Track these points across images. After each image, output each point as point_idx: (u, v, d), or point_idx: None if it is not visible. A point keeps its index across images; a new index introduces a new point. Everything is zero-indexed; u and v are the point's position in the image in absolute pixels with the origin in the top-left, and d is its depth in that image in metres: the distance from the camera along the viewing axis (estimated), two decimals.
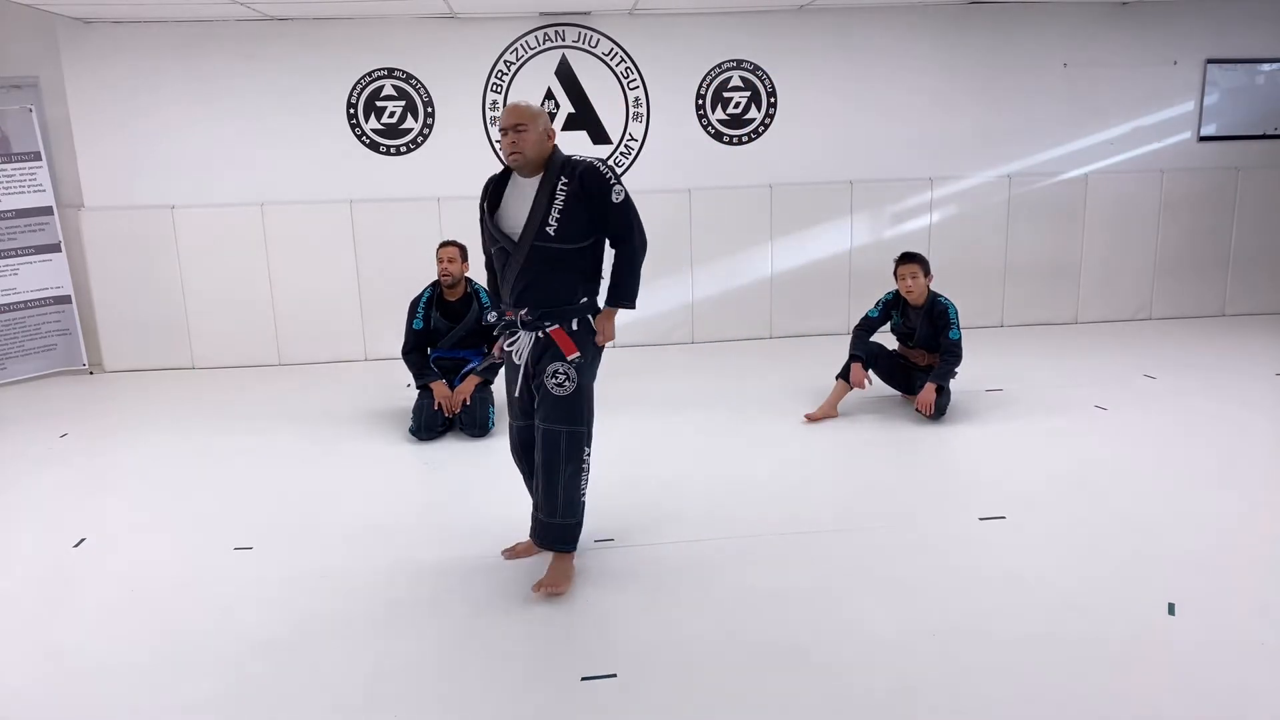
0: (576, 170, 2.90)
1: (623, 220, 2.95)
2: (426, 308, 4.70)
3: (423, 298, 4.72)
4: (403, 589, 3.09)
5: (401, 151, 6.14)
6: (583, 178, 2.88)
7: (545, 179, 2.90)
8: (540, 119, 2.90)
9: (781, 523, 3.50)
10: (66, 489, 4.10)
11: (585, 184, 2.88)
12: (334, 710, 2.45)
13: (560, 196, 2.87)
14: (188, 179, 6.01)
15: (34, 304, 5.94)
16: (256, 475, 4.18)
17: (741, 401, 5.03)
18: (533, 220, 2.88)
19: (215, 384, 5.79)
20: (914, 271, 4.61)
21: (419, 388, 4.63)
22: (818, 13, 6.16)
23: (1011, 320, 6.70)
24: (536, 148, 2.89)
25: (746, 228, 6.38)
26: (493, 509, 3.71)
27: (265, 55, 5.91)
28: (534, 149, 2.88)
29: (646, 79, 6.19)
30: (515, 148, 2.87)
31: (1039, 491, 3.72)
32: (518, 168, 2.93)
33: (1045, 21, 6.33)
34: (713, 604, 2.92)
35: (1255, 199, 6.67)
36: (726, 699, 2.45)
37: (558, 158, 2.94)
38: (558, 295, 2.94)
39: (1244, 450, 4.14)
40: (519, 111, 2.88)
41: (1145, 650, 2.61)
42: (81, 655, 2.75)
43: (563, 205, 2.87)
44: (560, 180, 2.88)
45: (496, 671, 2.60)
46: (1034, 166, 6.56)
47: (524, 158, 2.88)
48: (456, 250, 4.64)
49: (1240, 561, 3.12)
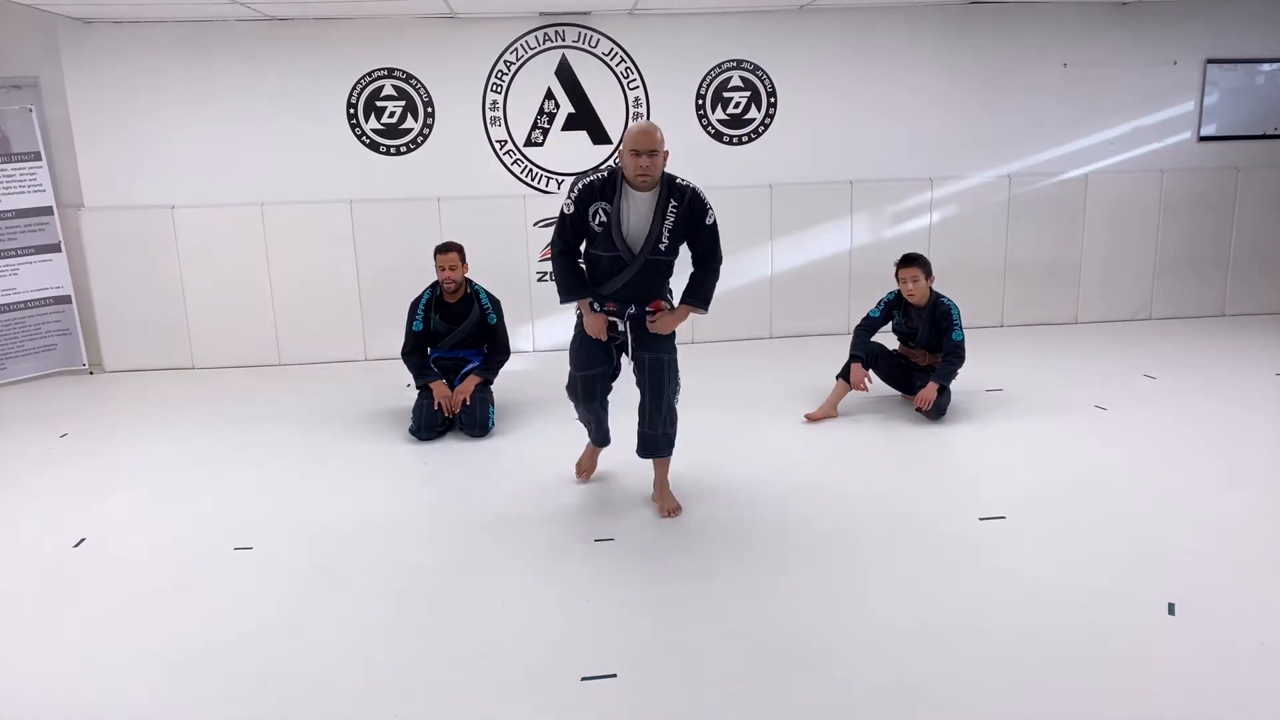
0: (685, 195, 3.33)
1: (711, 240, 3.42)
2: (426, 309, 4.69)
3: (422, 299, 4.71)
4: (403, 589, 3.09)
5: (401, 151, 6.14)
6: (691, 202, 3.32)
7: (660, 199, 3.31)
8: (664, 145, 3.28)
9: (781, 522, 3.50)
10: (66, 489, 4.10)
11: (693, 208, 3.33)
12: (334, 710, 2.45)
13: (671, 216, 3.31)
14: (188, 179, 6.01)
15: (34, 304, 5.94)
16: (256, 475, 4.18)
17: (741, 401, 5.03)
18: (651, 237, 3.33)
19: (215, 384, 5.79)
20: (915, 275, 4.61)
21: (419, 388, 4.63)
22: (818, 13, 6.16)
23: (1011, 320, 6.70)
24: (660, 169, 3.29)
25: (746, 228, 6.37)
26: (493, 509, 3.71)
27: (265, 55, 5.90)
28: (659, 171, 3.29)
29: (646, 79, 6.19)
30: (649, 171, 3.24)
31: (1039, 491, 3.72)
32: (645, 187, 3.30)
33: (1045, 21, 6.33)
34: (713, 604, 2.92)
35: (1255, 199, 6.67)
36: (726, 699, 2.45)
37: (666, 177, 3.34)
38: (654, 292, 3.48)
39: (1244, 450, 4.14)
40: (655, 138, 3.24)
41: (1145, 651, 2.61)
42: (81, 655, 2.75)
43: (672, 225, 3.32)
44: (671, 202, 3.31)
45: (496, 671, 2.60)
46: (1034, 166, 6.56)
47: (652, 180, 3.28)
48: (456, 255, 4.62)
49: (1241, 561, 3.12)
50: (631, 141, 3.23)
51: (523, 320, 6.29)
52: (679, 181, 3.35)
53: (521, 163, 6.24)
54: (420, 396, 4.60)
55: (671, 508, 3.59)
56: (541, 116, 6.18)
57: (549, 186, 6.29)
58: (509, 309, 4.89)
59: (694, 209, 3.32)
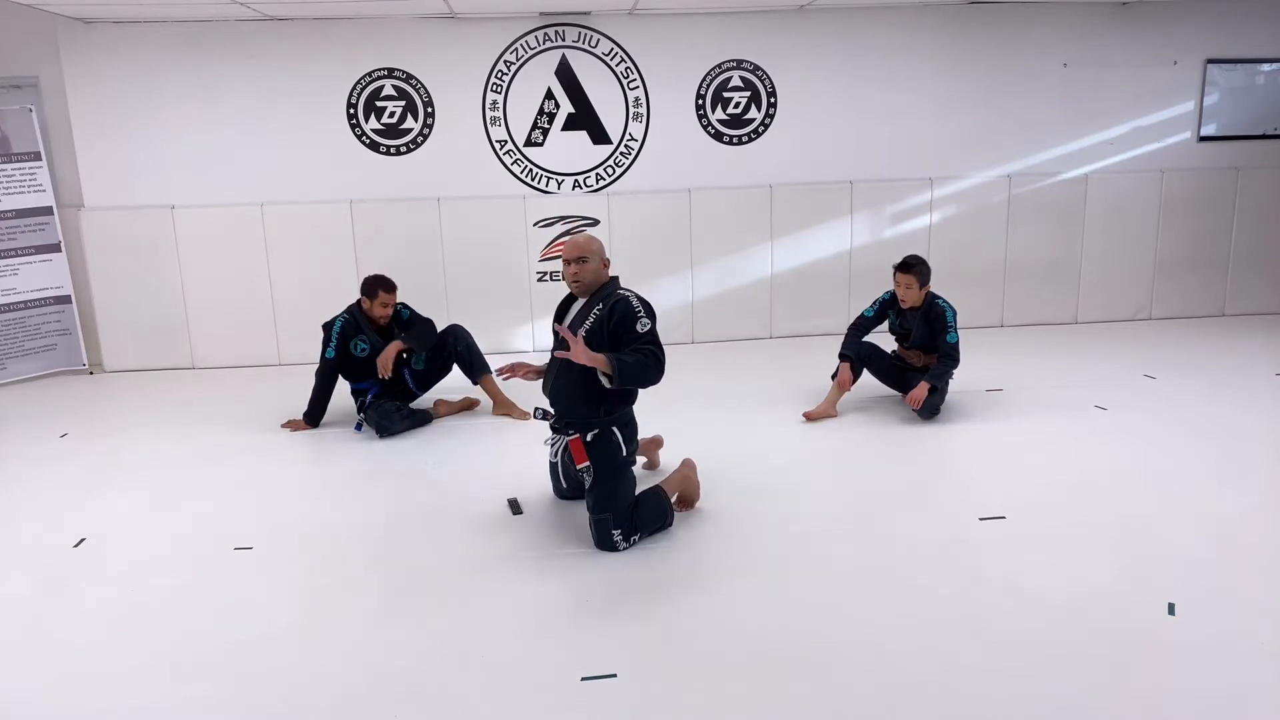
0: (613, 302, 3.30)
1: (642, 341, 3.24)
2: (341, 337, 4.65)
3: (335, 326, 4.65)
4: (403, 589, 3.09)
5: (401, 151, 6.15)
6: (617, 308, 3.28)
7: (588, 303, 3.38)
8: (598, 254, 3.38)
9: (781, 522, 3.50)
10: (66, 489, 4.10)
11: (618, 314, 3.27)
12: (334, 710, 2.45)
13: (592, 318, 3.31)
14: (188, 179, 6.01)
15: (34, 304, 5.94)
16: (256, 475, 4.18)
17: (741, 401, 5.03)
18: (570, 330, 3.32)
19: (215, 384, 5.79)
20: (910, 282, 4.61)
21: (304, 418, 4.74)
22: (818, 13, 6.16)
23: (1011, 320, 6.70)
24: (593, 275, 3.36)
25: (746, 228, 6.38)
26: (493, 510, 3.71)
27: (265, 55, 5.91)
28: (591, 276, 3.36)
29: (646, 79, 6.19)
30: (576, 277, 3.36)
31: (1039, 492, 3.72)
32: (578, 293, 3.42)
33: (1045, 21, 6.33)
34: (713, 604, 2.92)
35: (1255, 199, 6.67)
36: (726, 699, 2.45)
37: (609, 288, 3.38)
38: (578, 409, 3.35)
39: (1244, 450, 4.14)
40: (579, 246, 3.37)
41: (1145, 651, 2.61)
42: (81, 655, 2.75)
43: (592, 326, 3.29)
44: (598, 306, 3.33)
45: (496, 671, 2.60)
46: (1034, 166, 6.56)
47: (582, 285, 3.37)
48: (393, 296, 4.69)
49: (1240, 561, 3.12)
50: (562, 249, 3.45)
51: (522, 320, 6.29)
52: (619, 291, 3.35)
53: (521, 163, 6.24)
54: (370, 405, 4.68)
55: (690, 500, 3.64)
56: (541, 116, 6.18)
57: (549, 186, 6.29)
58: (509, 308, 4.90)
59: (619, 316, 3.25)
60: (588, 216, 6.29)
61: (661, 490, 3.47)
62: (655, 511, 3.40)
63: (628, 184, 6.33)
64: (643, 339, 3.24)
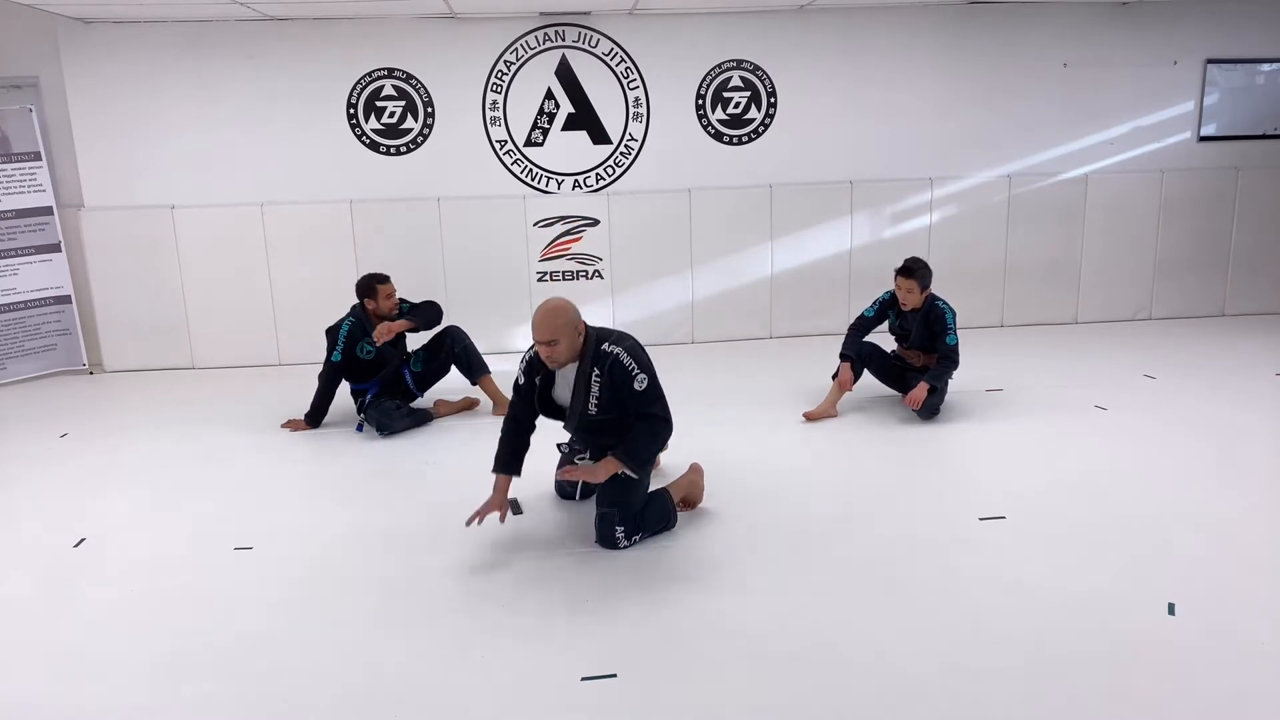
0: (607, 364, 3.24)
1: (644, 402, 3.25)
2: (349, 340, 4.64)
3: (342, 330, 4.64)
4: (403, 589, 3.09)
5: (401, 151, 6.15)
6: (611, 372, 3.23)
7: (581, 370, 3.28)
8: (569, 326, 3.20)
9: (781, 522, 3.50)
10: (66, 489, 4.10)
11: (614, 377, 3.23)
12: (334, 710, 2.45)
13: (595, 386, 3.28)
14: (188, 179, 6.01)
15: (34, 304, 5.94)
16: (256, 475, 4.18)
17: (741, 401, 5.03)
18: (574, 408, 3.32)
19: (215, 384, 5.79)
20: (910, 287, 4.61)
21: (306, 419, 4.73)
22: (818, 13, 6.16)
23: (1011, 320, 6.70)
24: (569, 350, 3.24)
25: (746, 228, 6.38)
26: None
27: (265, 55, 5.91)
28: (566, 353, 3.24)
29: (646, 79, 6.19)
30: (553, 358, 3.23)
31: (1039, 491, 3.72)
32: (556, 368, 3.30)
33: (1045, 21, 6.33)
34: (713, 604, 2.92)
35: (1255, 199, 6.67)
36: (726, 699, 2.45)
37: (590, 348, 3.27)
38: (614, 438, 3.32)
39: (1244, 450, 4.14)
40: (549, 328, 3.17)
41: (1145, 651, 2.61)
42: (82, 655, 2.75)
43: (599, 393, 3.28)
44: (594, 372, 3.26)
45: (496, 671, 2.60)
46: (1034, 166, 6.56)
47: (560, 361, 3.26)
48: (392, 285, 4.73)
49: (1240, 561, 3.12)
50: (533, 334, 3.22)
51: (522, 320, 6.27)
52: (605, 348, 3.25)
53: (521, 163, 6.24)
54: (370, 404, 4.69)
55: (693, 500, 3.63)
56: (541, 116, 6.18)
57: (549, 186, 6.29)
58: (509, 308, 4.90)
59: (615, 378, 3.22)
60: (588, 216, 6.29)
61: (667, 493, 3.47)
62: (660, 513, 3.40)
63: (628, 184, 6.33)
64: (644, 397, 3.22)
